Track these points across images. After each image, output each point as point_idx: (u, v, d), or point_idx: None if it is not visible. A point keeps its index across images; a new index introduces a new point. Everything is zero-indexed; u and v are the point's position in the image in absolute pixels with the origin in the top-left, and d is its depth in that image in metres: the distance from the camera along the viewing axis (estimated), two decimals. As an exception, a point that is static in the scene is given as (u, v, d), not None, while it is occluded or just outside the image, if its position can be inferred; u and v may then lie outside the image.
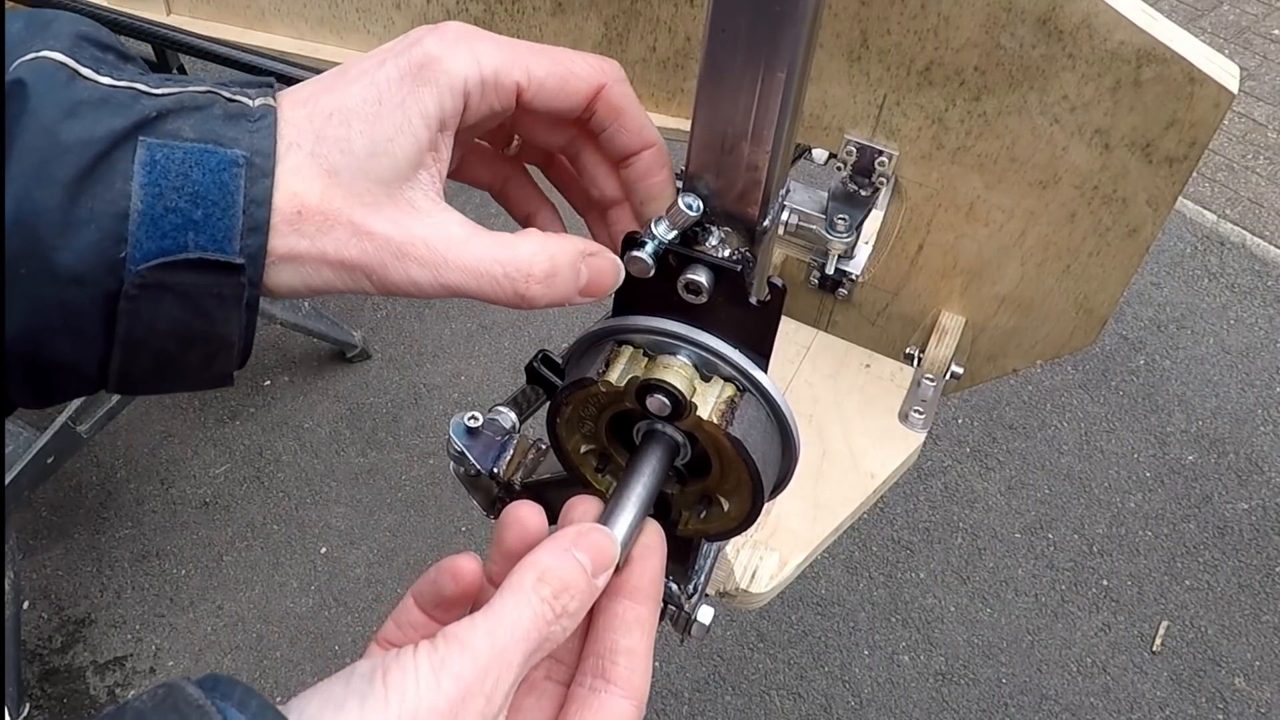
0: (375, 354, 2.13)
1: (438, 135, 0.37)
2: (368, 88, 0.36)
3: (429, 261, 0.36)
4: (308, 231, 0.35)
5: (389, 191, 0.36)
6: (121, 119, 0.33)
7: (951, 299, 0.77)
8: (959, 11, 0.60)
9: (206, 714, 0.28)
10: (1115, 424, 2.09)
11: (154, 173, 0.33)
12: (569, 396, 0.43)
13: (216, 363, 0.36)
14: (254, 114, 0.35)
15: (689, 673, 1.69)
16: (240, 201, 0.33)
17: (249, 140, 0.34)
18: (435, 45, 0.36)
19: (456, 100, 0.36)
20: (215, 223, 0.33)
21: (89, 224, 0.32)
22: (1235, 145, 2.77)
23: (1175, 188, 0.63)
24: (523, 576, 0.35)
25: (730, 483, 0.43)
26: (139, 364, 0.35)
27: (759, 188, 0.38)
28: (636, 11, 0.70)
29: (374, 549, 1.83)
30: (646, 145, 0.41)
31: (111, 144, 0.32)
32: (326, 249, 0.35)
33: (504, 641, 0.33)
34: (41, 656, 1.67)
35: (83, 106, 0.32)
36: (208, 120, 0.34)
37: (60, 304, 0.32)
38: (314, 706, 0.30)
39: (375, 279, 0.36)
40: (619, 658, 0.37)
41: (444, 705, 0.31)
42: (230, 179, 0.33)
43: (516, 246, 0.37)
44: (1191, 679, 1.72)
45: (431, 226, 0.36)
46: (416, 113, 0.36)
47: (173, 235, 0.33)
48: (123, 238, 0.32)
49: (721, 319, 0.40)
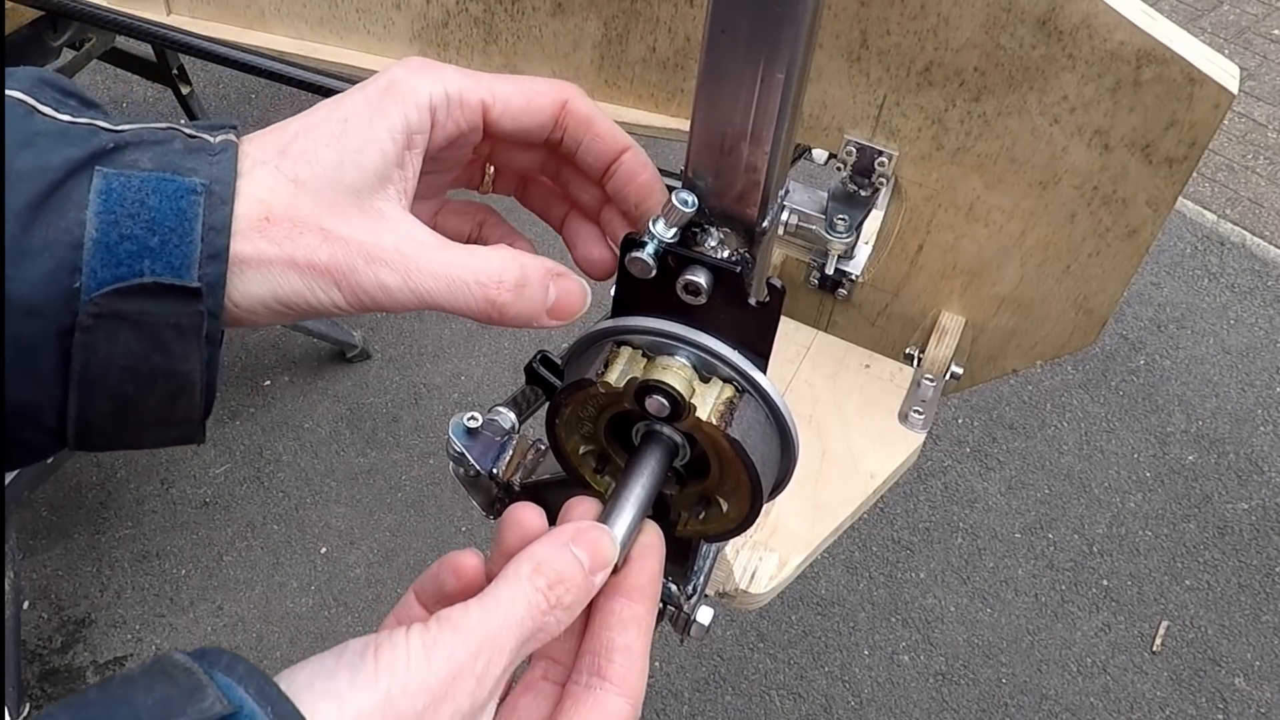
0: (375, 354, 2.13)
1: (405, 152, 0.37)
2: (333, 109, 0.37)
3: (399, 266, 0.36)
4: (275, 237, 0.34)
5: (357, 201, 0.36)
6: (78, 149, 0.32)
7: (951, 299, 0.77)
8: (959, 12, 0.60)
9: (194, 674, 0.28)
10: (1115, 424, 2.08)
11: (110, 200, 0.32)
12: (568, 397, 0.43)
13: (178, 406, 0.35)
14: (214, 148, 0.35)
15: (689, 673, 1.69)
16: (199, 229, 0.33)
17: (208, 169, 0.34)
18: (400, 70, 0.37)
19: (423, 116, 0.37)
20: (173, 249, 0.32)
21: (42, 253, 0.31)
22: (1235, 145, 2.77)
23: (1175, 188, 0.63)
24: (519, 566, 0.35)
25: (729, 484, 0.43)
26: (97, 407, 0.34)
27: (758, 188, 0.38)
28: (636, 12, 0.70)
29: (374, 549, 1.83)
30: (623, 148, 0.41)
31: (67, 173, 0.32)
32: (295, 253, 0.35)
33: (497, 625, 0.33)
34: (41, 656, 1.67)
35: (39, 138, 0.32)
36: (167, 153, 0.34)
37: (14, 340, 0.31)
38: (304, 675, 0.30)
39: (345, 285, 0.35)
40: (615, 655, 0.37)
41: (434, 683, 0.31)
42: (188, 206, 0.33)
43: (487, 255, 0.38)
44: (1191, 679, 1.72)
45: (401, 235, 0.36)
46: (383, 127, 0.36)
47: (128, 262, 0.32)
48: (77, 267, 0.31)
49: (720, 320, 0.40)
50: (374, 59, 0.84)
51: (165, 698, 0.27)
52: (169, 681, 0.28)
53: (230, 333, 0.37)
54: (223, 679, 0.28)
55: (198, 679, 0.28)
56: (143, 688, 0.28)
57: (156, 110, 2.61)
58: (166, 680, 0.28)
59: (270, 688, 0.29)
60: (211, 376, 0.35)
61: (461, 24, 0.78)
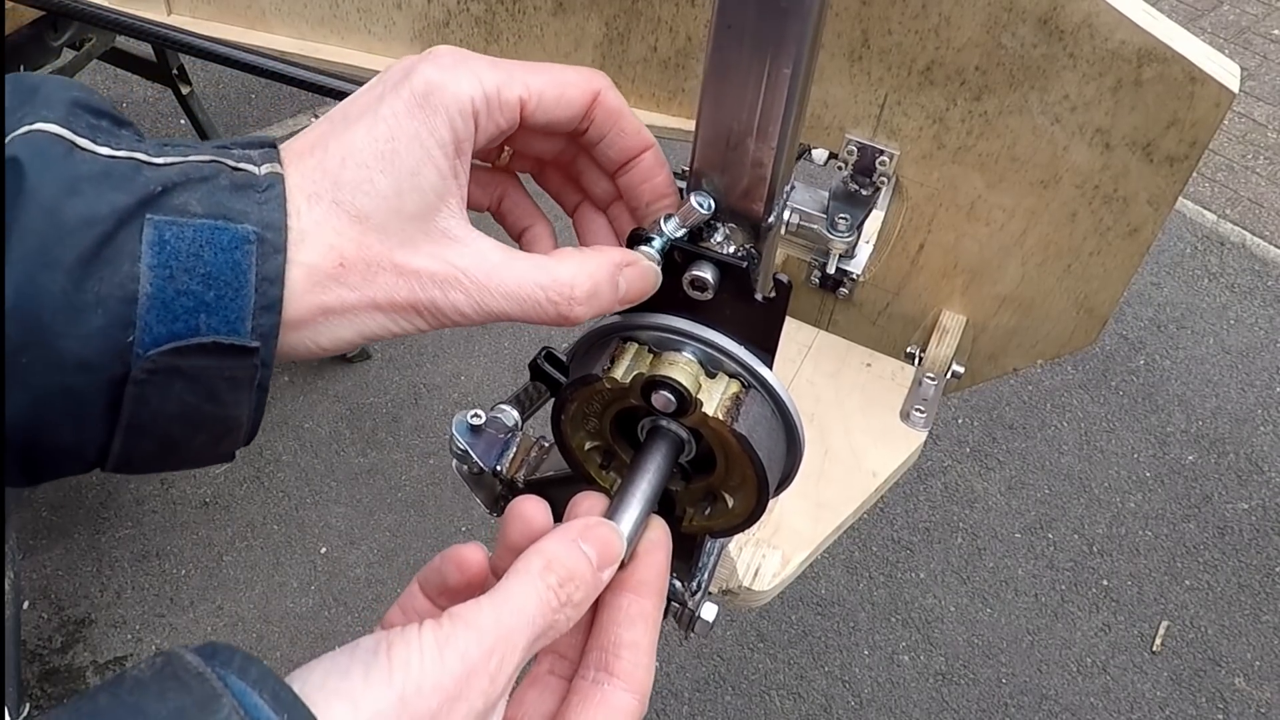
0: (375, 354, 2.13)
1: (456, 162, 0.36)
2: (375, 125, 0.35)
3: (473, 291, 0.36)
4: (353, 283, 0.34)
5: (423, 227, 0.36)
6: (125, 194, 0.31)
7: (952, 298, 0.77)
8: (960, 11, 0.60)
9: (207, 681, 0.27)
10: (1115, 424, 2.09)
11: (164, 253, 0.31)
12: (574, 393, 0.43)
13: (223, 444, 0.36)
14: (261, 183, 0.34)
15: (689, 673, 1.69)
16: (252, 280, 0.32)
17: (258, 213, 0.33)
18: (434, 72, 0.36)
19: (468, 123, 0.36)
20: (228, 304, 0.32)
21: (95, 309, 0.30)
22: (1235, 145, 2.78)
23: (1176, 187, 0.63)
24: (530, 562, 0.35)
25: (735, 479, 0.43)
26: (141, 448, 0.34)
27: (764, 184, 0.38)
28: (637, 11, 0.70)
29: (374, 549, 1.83)
30: (645, 147, 0.41)
31: (117, 224, 0.31)
32: (376, 296, 0.35)
33: (510, 624, 0.33)
34: (41, 656, 1.67)
35: (83, 183, 0.31)
36: (214, 192, 0.33)
37: (63, 391, 0.31)
38: (317, 675, 0.30)
39: (425, 313, 0.36)
40: (622, 651, 0.37)
41: (448, 682, 0.31)
42: (242, 257, 0.32)
43: (556, 269, 0.37)
44: (1191, 679, 1.72)
45: (470, 255, 0.36)
46: (433, 143, 0.35)
47: (184, 318, 0.32)
48: (131, 322, 0.31)
49: (727, 316, 0.40)
50: (375, 59, 0.84)
51: (179, 707, 0.27)
52: (182, 688, 0.27)
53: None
54: (237, 684, 0.28)
55: (211, 686, 0.27)
56: (155, 695, 0.27)
57: (156, 110, 2.61)
58: (179, 687, 0.27)
59: (285, 692, 0.28)
60: (257, 417, 0.36)
61: (463, 24, 0.78)
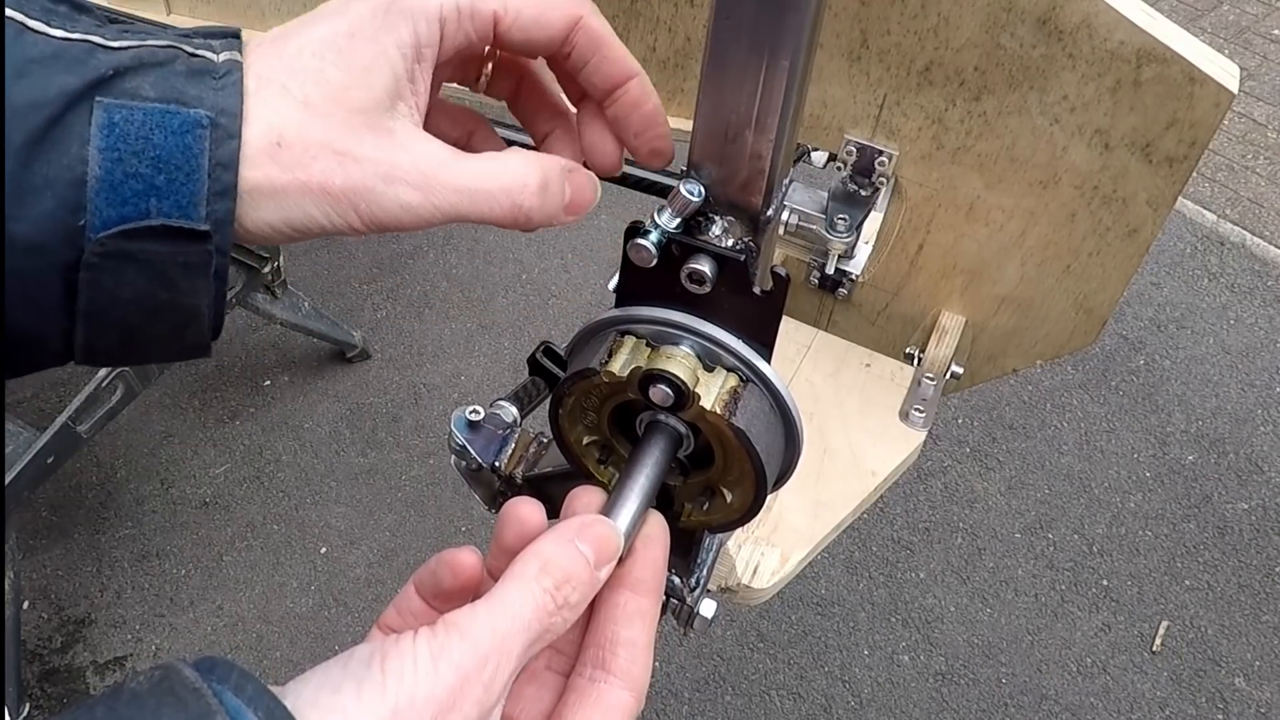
0: (375, 354, 2.13)
1: (415, 66, 0.36)
2: (338, 20, 0.35)
3: (419, 183, 0.35)
4: (288, 163, 0.33)
5: (368, 121, 0.35)
6: (75, 77, 0.31)
7: (951, 299, 0.77)
8: (959, 11, 0.60)
9: (203, 698, 0.27)
10: (1115, 424, 2.09)
11: (113, 136, 0.31)
12: (571, 387, 0.43)
13: (187, 335, 0.35)
14: (218, 70, 0.33)
15: (689, 672, 1.69)
16: (205, 165, 0.32)
17: (214, 99, 0.33)
18: None
19: (432, 29, 0.36)
20: (179, 188, 0.32)
21: (44, 191, 0.30)
22: (1235, 145, 2.78)
23: (1175, 188, 0.63)
24: (525, 566, 0.35)
25: (733, 474, 0.43)
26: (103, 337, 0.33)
27: (762, 176, 0.38)
28: (636, 11, 0.70)
29: (374, 549, 1.83)
30: (630, 74, 0.40)
31: (65, 105, 0.31)
32: (309, 179, 0.34)
33: (505, 631, 0.33)
34: (41, 656, 1.67)
35: (32, 65, 0.31)
36: (169, 77, 0.32)
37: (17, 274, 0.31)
38: (310, 690, 0.30)
39: (363, 208, 0.35)
40: (619, 649, 0.37)
41: (442, 693, 0.30)
42: (194, 141, 0.32)
43: (506, 160, 0.37)
44: (1191, 679, 1.72)
45: (416, 153, 0.35)
46: (391, 42, 0.35)
47: (134, 202, 0.31)
48: (81, 205, 0.31)
49: (725, 309, 0.40)
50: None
51: None
52: (178, 704, 0.27)
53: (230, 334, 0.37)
54: (232, 701, 0.28)
55: (206, 703, 0.27)
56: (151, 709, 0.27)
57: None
58: (175, 703, 0.27)
59: (279, 709, 0.28)
60: (220, 307, 0.35)
61: (464, 22, 0.78)
